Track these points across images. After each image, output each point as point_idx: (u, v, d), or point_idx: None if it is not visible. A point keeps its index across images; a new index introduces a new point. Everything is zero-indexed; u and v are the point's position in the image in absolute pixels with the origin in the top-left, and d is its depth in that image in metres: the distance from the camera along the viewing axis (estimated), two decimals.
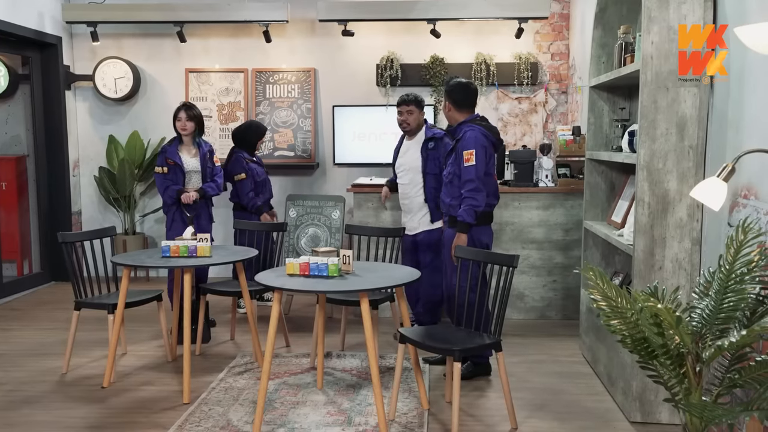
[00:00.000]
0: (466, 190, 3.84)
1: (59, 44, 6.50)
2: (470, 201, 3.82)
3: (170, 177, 4.75)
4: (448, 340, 3.30)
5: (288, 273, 3.39)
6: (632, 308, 2.03)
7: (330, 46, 6.59)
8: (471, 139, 3.89)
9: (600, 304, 2.07)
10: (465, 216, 3.82)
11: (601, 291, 2.09)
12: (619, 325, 2.07)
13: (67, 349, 4.13)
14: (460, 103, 4.05)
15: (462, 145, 3.91)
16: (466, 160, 3.86)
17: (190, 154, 4.81)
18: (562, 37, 6.58)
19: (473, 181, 3.83)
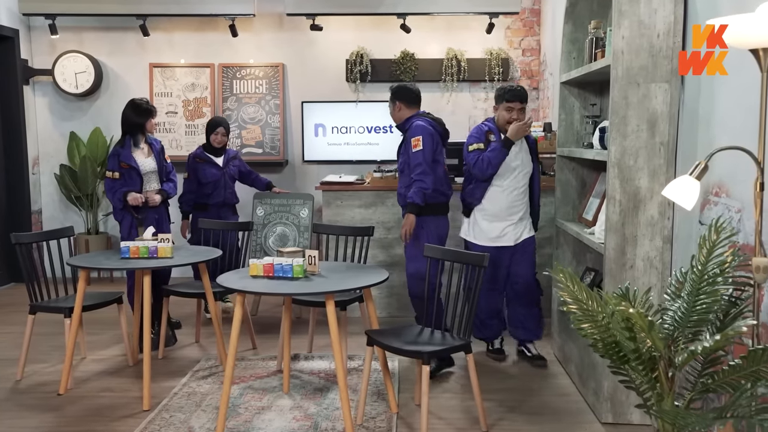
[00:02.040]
0: (415, 173, 3.99)
1: (16, 37, 6.28)
2: (419, 184, 3.97)
3: (122, 182, 4.39)
4: (416, 342, 3.21)
5: (251, 274, 3.28)
6: (603, 311, 1.96)
7: (299, 41, 6.46)
8: (418, 128, 4.07)
9: (570, 307, 1.99)
10: (414, 197, 3.96)
11: (571, 293, 2.02)
12: (590, 329, 1.99)
13: (22, 355, 3.96)
14: (410, 101, 4.20)
15: (410, 134, 4.08)
16: (414, 146, 4.02)
17: (144, 154, 4.51)
18: (533, 32, 6.54)
19: (421, 164, 3.98)
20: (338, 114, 6.36)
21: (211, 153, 5.10)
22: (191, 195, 5.05)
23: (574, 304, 2.00)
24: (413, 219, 4.00)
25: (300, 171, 6.56)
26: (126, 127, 4.48)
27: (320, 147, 6.39)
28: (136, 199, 4.37)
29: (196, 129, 6.49)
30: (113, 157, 4.43)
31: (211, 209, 5.04)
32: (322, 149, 6.39)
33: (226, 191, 5.10)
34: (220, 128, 5.06)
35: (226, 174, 5.09)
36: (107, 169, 4.46)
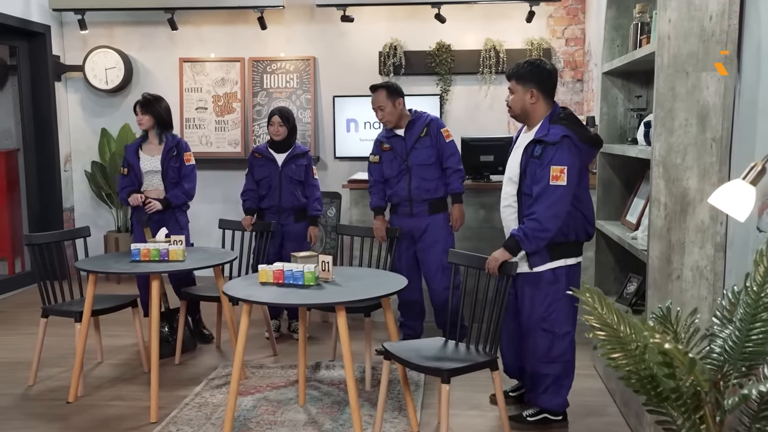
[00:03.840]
0: (453, 162, 4.09)
1: (47, 33, 6.23)
2: (460, 173, 4.11)
3: (129, 178, 4.32)
4: (437, 357, 2.94)
5: (261, 281, 3.06)
6: (637, 339, 1.66)
7: (330, 33, 6.23)
8: (438, 119, 4.22)
9: (598, 333, 1.70)
10: (460, 186, 4.11)
11: (599, 317, 1.72)
12: (621, 360, 1.70)
13: (34, 360, 3.85)
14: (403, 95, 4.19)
15: (437, 125, 4.13)
16: (446, 137, 4.10)
17: (152, 152, 4.33)
18: (578, 20, 6.15)
19: (457, 153, 4.13)
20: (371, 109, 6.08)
21: (273, 148, 4.53)
22: (251, 193, 4.50)
23: (602, 329, 1.71)
24: (462, 208, 4.16)
25: (332, 168, 6.34)
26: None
27: (352, 143, 6.15)
28: (135, 199, 4.23)
29: (225, 125, 6.34)
30: (124, 153, 4.40)
31: (267, 214, 4.49)
32: (355, 145, 6.15)
33: (283, 194, 4.43)
34: (274, 117, 4.43)
35: (282, 174, 4.45)
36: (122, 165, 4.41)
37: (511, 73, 3.22)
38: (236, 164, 6.24)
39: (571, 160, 3.01)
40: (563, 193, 2.99)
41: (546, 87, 3.16)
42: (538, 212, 2.98)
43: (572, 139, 3.03)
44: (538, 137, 3.08)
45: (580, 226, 3.13)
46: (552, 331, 3.12)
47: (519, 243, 3.01)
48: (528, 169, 3.08)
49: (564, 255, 3.10)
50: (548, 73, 3.16)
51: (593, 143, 3.13)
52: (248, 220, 4.43)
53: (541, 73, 3.16)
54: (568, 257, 3.12)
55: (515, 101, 3.20)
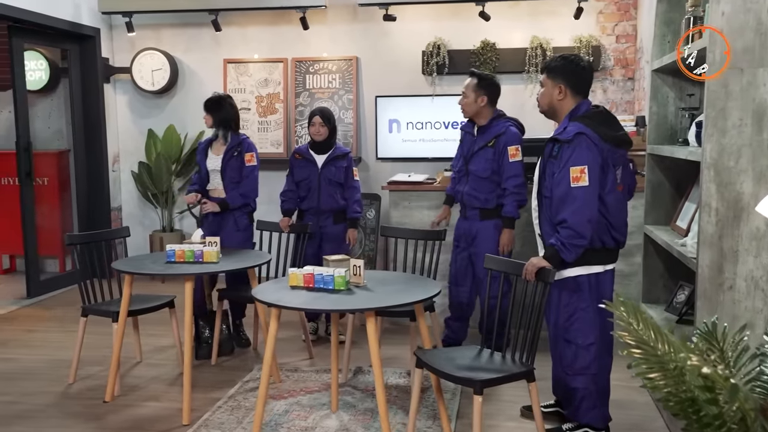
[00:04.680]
0: (511, 184, 3.89)
1: (97, 36, 6.35)
2: (517, 197, 3.90)
3: (198, 176, 4.38)
4: (471, 367, 2.83)
5: (291, 285, 3.01)
6: (676, 359, 1.53)
7: (372, 33, 6.17)
8: (516, 136, 3.96)
9: (633, 351, 1.57)
10: (512, 211, 3.91)
11: (635, 334, 1.59)
12: (659, 380, 1.56)
13: (74, 360, 3.90)
14: (495, 99, 4.05)
15: (506, 140, 3.92)
16: (512, 156, 3.90)
17: (219, 152, 4.32)
18: (629, 16, 5.93)
19: (519, 176, 3.91)
20: (413, 109, 6.02)
21: (314, 149, 4.47)
22: (290, 193, 4.47)
23: (637, 347, 1.58)
24: (512, 235, 3.98)
25: (374, 169, 6.27)
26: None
27: (394, 144, 6.07)
28: (190, 197, 4.25)
29: (268, 126, 6.35)
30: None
31: (307, 216, 4.46)
32: (397, 146, 6.07)
33: (322, 196, 4.39)
34: (315, 117, 4.37)
35: (322, 176, 4.40)
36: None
37: (544, 66, 3.12)
38: (279, 165, 6.22)
39: (591, 158, 2.84)
40: (588, 195, 2.82)
41: (577, 83, 3.01)
42: (568, 219, 2.83)
43: (589, 137, 2.86)
44: (555, 135, 2.96)
45: (603, 232, 2.95)
46: (574, 342, 2.97)
47: (559, 253, 2.86)
48: (547, 170, 2.95)
49: (586, 262, 2.93)
50: (581, 69, 3.01)
51: (617, 143, 2.95)
52: (286, 221, 4.39)
53: (573, 69, 3.01)
54: (591, 264, 2.95)
55: (543, 96, 3.09)
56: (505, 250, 3.98)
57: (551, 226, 2.96)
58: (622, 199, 3.03)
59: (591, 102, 3.08)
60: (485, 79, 4.03)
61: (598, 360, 2.99)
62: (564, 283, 2.99)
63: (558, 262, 2.87)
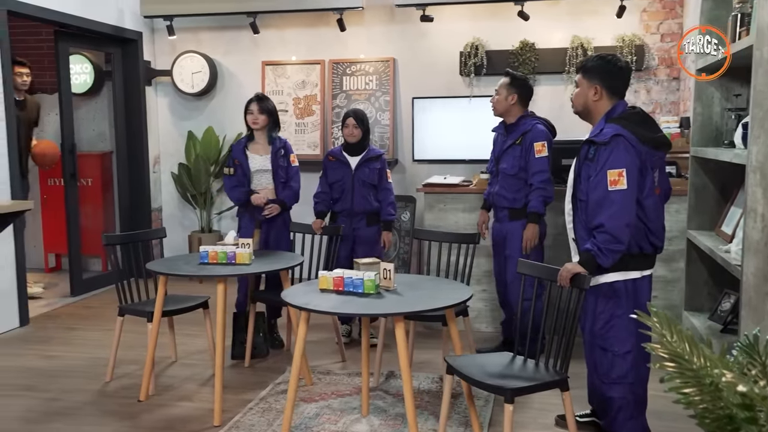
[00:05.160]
0: (536, 180, 3.92)
1: (139, 40, 6.46)
2: (542, 192, 3.92)
3: (237, 178, 4.32)
4: (503, 374, 2.77)
5: (321, 288, 2.99)
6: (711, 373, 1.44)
7: (410, 34, 6.13)
8: (542, 132, 3.99)
9: (666, 364, 1.50)
10: (538, 206, 3.91)
11: (669, 347, 1.51)
12: (693, 396, 1.48)
13: (111, 359, 3.96)
14: (526, 99, 4.10)
15: (532, 137, 3.97)
16: (537, 152, 3.94)
17: (260, 152, 4.36)
18: (675, 14, 5.75)
19: (545, 172, 3.95)
20: (451, 110, 5.95)
21: (347, 150, 4.47)
22: (323, 195, 4.47)
23: (671, 361, 1.50)
24: (536, 230, 3.96)
25: (410, 171, 6.23)
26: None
27: (431, 145, 6.01)
28: (259, 199, 4.25)
29: (305, 127, 6.36)
30: (229, 153, 4.43)
31: (340, 218, 4.44)
32: (433, 148, 6.01)
33: (355, 198, 4.37)
34: (349, 119, 4.36)
35: (355, 178, 4.37)
36: (226, 165, 4.43)
37: (579, 65, 3.02)
38: (315, 167, 6.20)
39: (629, 161, 2.74)
40: (626, 198, 2.72)
41: (613, 84, 2.90)
42: (605, 223, 2.73)
43: (627, 139, 2.75)
44: (590, 137, 2.86)
45: (641, 237, 2.84)
46: (611, 350, 2.87)
47: (595, 258, 2.77)
48: (582, 173, 2.86)
49: (623, 267, 2.83)
50: (618, 70, 2.91)
51: (656, 145, 2.85)
52: (318, 223, 4.38)
53: (609, 69, 2.91)
54: (628, 270, 2.85)
55: (578, 96, 2.99)
56: (528, 245, 3.96)
57: (586, 230, 2.87)
58: (659, 202, 2.93)
59: (627, 103, 2.98)
60: (518, 78, 4.08)
61: (635, 369, 2.89)
62: (599, 289, 2.89)
63: (594, 267, 2.78)
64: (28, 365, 4.25)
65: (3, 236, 4.87)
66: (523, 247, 3.97)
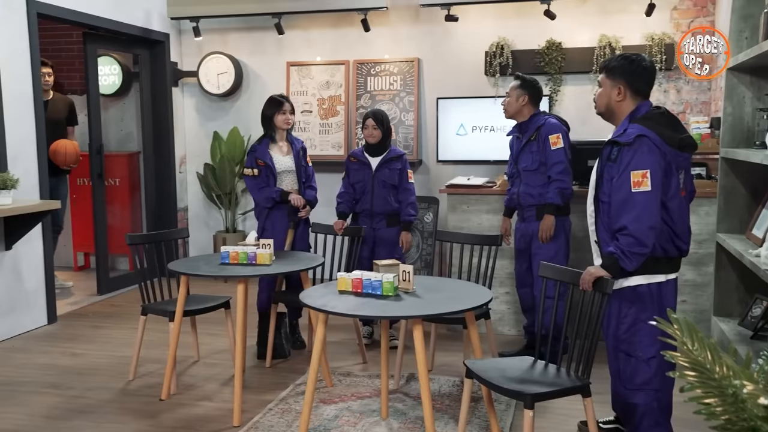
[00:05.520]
0: (554, 172, 3.92)
1: (166, 41, 6.52)
2: (559, 183, 3.91)
3: (261, 179, 4.29)
4: (523, 379, 2.72)
5: (339, 289, 2.98)
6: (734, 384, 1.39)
7: (434, 34, 6.09)
8: (555, 125, 4.01)
9: (687, 374, 1.44)
10: (555, 197, 3.90)
11: (690, 357, 1.46)
12: (715, 406, 1.42)
13: (134, 357, 3.99)
14: (536, 99, 4.11)
15: (546, 130, 3.98)
16: (553, 144, 3.94)
17: (282, 152, 4.35)
18: (706, 12, 5.63)
19: (561, 162, 3.93)
20: (475, 110, 5.89)
21: (368, 151, 4.44)
22: (346, 195, 4.48)
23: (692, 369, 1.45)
24: (552, 220, 3.95)
25: (434, 172, 6.18)
26: (262, 121, 4.40)
27: (455, 146, 5.96)
28: (299, 199, 4.25)
29: (330, 128, 6.36)
30: (251, 154, 4.36)
31: (361, 219, 4.45)
32: (458, 148, 5.96)
33: (375, 199, 4.35)
34: (368, 120, 4.35)
35: (375, 178, 4.36)
36: (245, 167, 4.39)
37: (603, 65, 2.94)
38: (339, 167, 6.20)
39: (653, 162, 2.66)
40: (650, 200, 2.65)
41: (637, 84, 2.81)
42: (629, 226, 2.65)
43: (651, 140, 2.68)
44: (614, 138, 2.78)
45: (665, 239, 2.76)
46: (634, 356, 2.79)
47: (618, 262, 2.70)
48: (604, 174, 2.79)
49: (647, 271, 2.75)
50: (642, 70, 2.83)
51: (681, 146, 2.76)
52: (339, 224, 4.37)
53: (633, 69, 2.82)
54: (652, 273, 2.77)
55: (601, 96, 2.91)
56: (544, 235, 3.96)
57: (609, 233, 2.80)
58: (684, 204, 2.84)
59: (651, 103, 2.91)
60: (527, 80, 4.11)
61: (660, 374, 2.81)
62: (623, 293, 2.82)
63: (617, 271, 2.71)
64: (54, 363, 4.31)
65: (32, 235, 4.96)
66: (540, 237, 3.96)
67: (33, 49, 4.98)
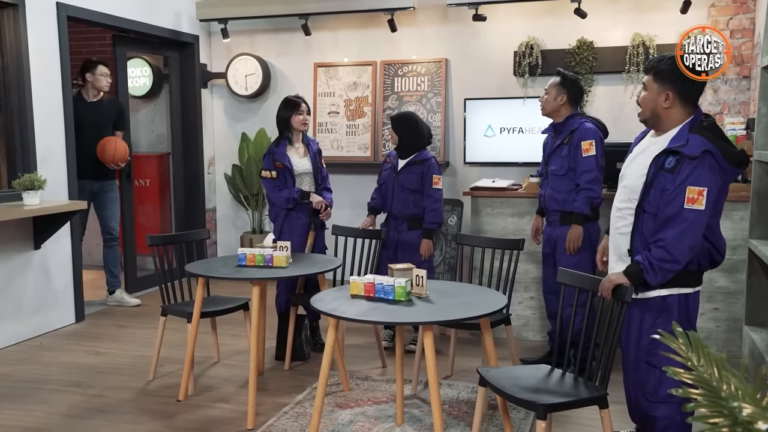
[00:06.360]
0: (583, 180, 3.80)
1: (196, 43, 6.57)
2: (588, 193, 3.80)
3: (280, 181, 4.26)
4: (537, 388, 2.63)
5: (352, 293, 2.93)
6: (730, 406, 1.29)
7: (462, 34, 6.00)
8: (590, 131, 3.84)
9: (691, 391, 1.35)
10: (583, 207, 3.79)
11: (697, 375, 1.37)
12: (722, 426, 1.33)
13: (153, 357, 4.01)
14: (576, 99, 3.96)
15: (579, 135, 3.84)
16: (585, 151, 3.81)
17: (299, 154, 4.32)
18: (746, 9, 5.42)
19: (592, 171, 3.80)
20: (504, 111, 5.79)
21: (399, 153, 4.39)
22: (377, 192, 4.49)
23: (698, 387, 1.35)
24: (580, 231, 3.85)
25: (461, 174, 6.10)
26: (278, 123, 4.37)
27: (483, 147, 5.87)
28: (320, 203, 4.24)
29: (356, 129, 6.33)
30: (268, 156, 4.32)
31: (389, 221, 4.41)
32: (486, 150, 5.87)
33: (394, 202, 4.31)
34: (389, 126, 4.40)
35: (396, 181, 4.30)
36: (263, 168, 4.35)
37: (650, 66, 2.71)
38: (366, 169, 6.21)
39: (713, 181, 2.51)
40: (699, 220, 2.50)
41: (687, 91, 2.63)
42: (668, 240, 2.51)
43: (715, 156, 2.52)
44: (674, 147, 2.57)
45: (704, 255, 2.63)
46: (659, 367, 2.66)
47: (643, 272, 2.58)
48: (655, 183, 2.63)
49: (679, 284, 2.63)
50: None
51: (738, 162, 2.60)
52: (368, 220, 4.41)
53: (684, 74, 2.63)
54: (683, 286, 2.65)
55: (646, 101, 2.71)
56: (571, 246, 3.84)
57: (645, 245, 2.67)
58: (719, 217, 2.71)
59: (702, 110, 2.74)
60: (569, 78, 3.95)
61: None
62: (649, 303, 2.69)
63: (639, 281, 2.60)
64: (78, 361, 4.36)
65: (60, 235, 5.03)
66: (567, 248, 3.85)
67: (63, 51, 5.06)
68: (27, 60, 4.73)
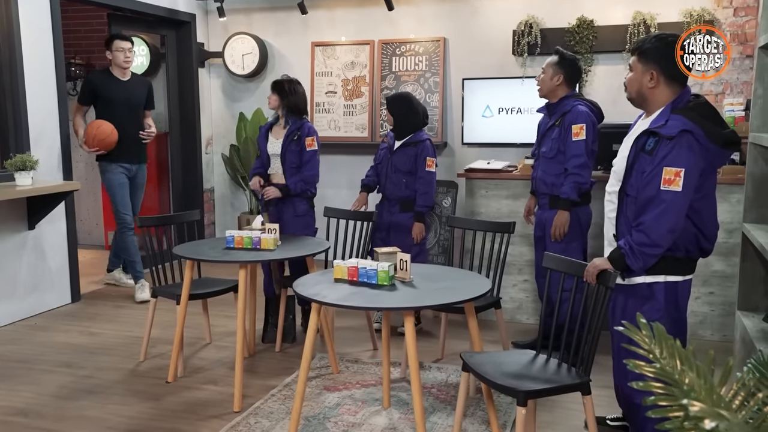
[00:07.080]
0: (572, 165, 3.72)
1: (193, 22, 6.51)
2: (576, 178, 3.71)
3: (260, 160, 4.33)
4: (520, 374, 2.61)
5: (335, 277, 2.91)
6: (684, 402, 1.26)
7: (461, 12, 5.91)
8: (582, 114, 3.75)
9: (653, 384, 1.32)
10: (569, 192, 3.71)
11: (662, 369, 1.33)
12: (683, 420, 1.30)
13: (144, 339, 4.02)
14: (573, 79, 3.87)
15: (571, 118, 3.74)
16: (575, 135, 3.71)
17: (278, 135, 4.27)
18: None
19: (581, 156, 3.71)
20: (502, 91, 5.71)
21: (395, 134, 4.33)
22: (371, 170, 4.43)
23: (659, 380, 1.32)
24: (566, 217, 3.77)
25: (459, 154, 6.03)
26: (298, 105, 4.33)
27: (481, 128, 5.80)
28: (254, 183, 4.24)
29: (354, 109, 6.27)
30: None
31: (383, 202, 4.37)
32: (484, 131, 5.80)
33: (387, 183, 4.27)
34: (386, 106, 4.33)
35: (390, 162, 4.26)
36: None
37: (635, 47, 2.67)
38: (363, 149, 6.16)
39: (691, 162, 2.43)
40: (676, 202, 2.43)
41: (672, 70, 2.57)
42: (647, 223, 2.46)
43: (695, 136, 2.44)
44: (653, 128, 2.52)
45: (691, 241, 2.57)
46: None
47: (624, 258, 2.54)
48: (636, 165, 2.58)
49: (666, 271, 2.57)
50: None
51: (725, 143, 2.53)
52: (360, 198, 4.41)
53: (669, 53, 2.55)
54: (670, 274, 2.59)
55: (632, 81, 2.65)
56: (557, 232, 3.78)
57: (629, 228, 2.62)
58: (714, 203, 2.64)
59: (691, 90, 2.67)
60: (566, 57, 3.85)
61: None
62: (634, 290, 2.65)
63: (622, 266, 2.55)
64: (71, 341, 4.37)
65: (55, 215, 5.03)
66: (552, 234, 3.78)
67: (56, 29, 5.00)
68: (19, 38, 4.69)
